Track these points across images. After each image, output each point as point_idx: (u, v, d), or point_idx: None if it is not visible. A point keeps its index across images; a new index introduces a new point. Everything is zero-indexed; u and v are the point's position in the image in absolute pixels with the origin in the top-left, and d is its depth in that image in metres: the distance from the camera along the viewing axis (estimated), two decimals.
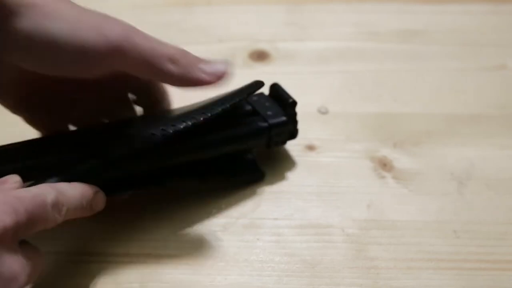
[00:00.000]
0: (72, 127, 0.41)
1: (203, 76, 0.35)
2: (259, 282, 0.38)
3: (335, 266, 0.39)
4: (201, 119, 0.38)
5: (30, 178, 0.34)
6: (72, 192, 0.34)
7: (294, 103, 0.43)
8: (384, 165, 0.45)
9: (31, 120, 0.39)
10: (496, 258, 0.39)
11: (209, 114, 0.38)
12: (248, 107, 0.44)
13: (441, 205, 0.42)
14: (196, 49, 0.56)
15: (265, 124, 0.42)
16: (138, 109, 0.42)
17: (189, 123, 0.37)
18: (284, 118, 0.43)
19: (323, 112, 0.49)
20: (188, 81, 0.35)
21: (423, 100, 0.51)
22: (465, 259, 0.39)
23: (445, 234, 0.41)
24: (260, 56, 0.55)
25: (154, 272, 0.38)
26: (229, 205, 0.42)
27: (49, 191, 0.32)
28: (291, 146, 0.46)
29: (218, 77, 0.36)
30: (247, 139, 0.42)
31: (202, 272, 0.38)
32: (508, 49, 0.56)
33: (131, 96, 0.42)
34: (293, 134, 0.45)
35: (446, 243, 0.40)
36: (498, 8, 0.60)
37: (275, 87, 0.45)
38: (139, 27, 0.35)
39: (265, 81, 0.43)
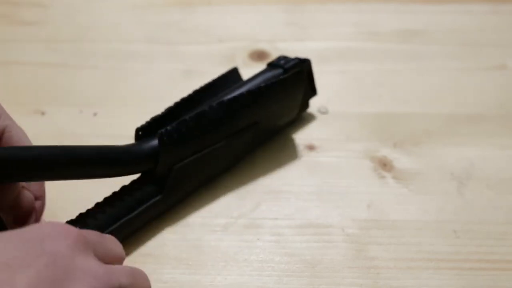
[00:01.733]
0: None
1: None
2: (259, 282, 0.38)
3: (335, 266, 0.39)
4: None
5: None
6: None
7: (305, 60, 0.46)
8: (384, 165, 0.45)
9: None
10: (496, 258, 0.39)
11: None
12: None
13: (441, 205, 0.42)
14: (196, 49, 0.56)
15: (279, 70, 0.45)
16: None
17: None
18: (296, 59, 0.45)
19: (323, 112, 0.49)
20: None
21: (423, 100, 0.51)
22: (465, 259, 0.39)
23: (445, 234, 0.41)
24: (260, 56, 0.55)
25: (154, 272, 0.38)
26: (229, 205, 0.42)
27: (123, 277, 0.29)
28: (291, 146, 0.46)
29: None
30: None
31: (202, 272, 0.38)
32: (508, 49, 0.56)
33: None
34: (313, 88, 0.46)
35: (446, 243, 0.40)
36: (498, 8, 0.60)
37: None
38: (139, 27, 0.35)
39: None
